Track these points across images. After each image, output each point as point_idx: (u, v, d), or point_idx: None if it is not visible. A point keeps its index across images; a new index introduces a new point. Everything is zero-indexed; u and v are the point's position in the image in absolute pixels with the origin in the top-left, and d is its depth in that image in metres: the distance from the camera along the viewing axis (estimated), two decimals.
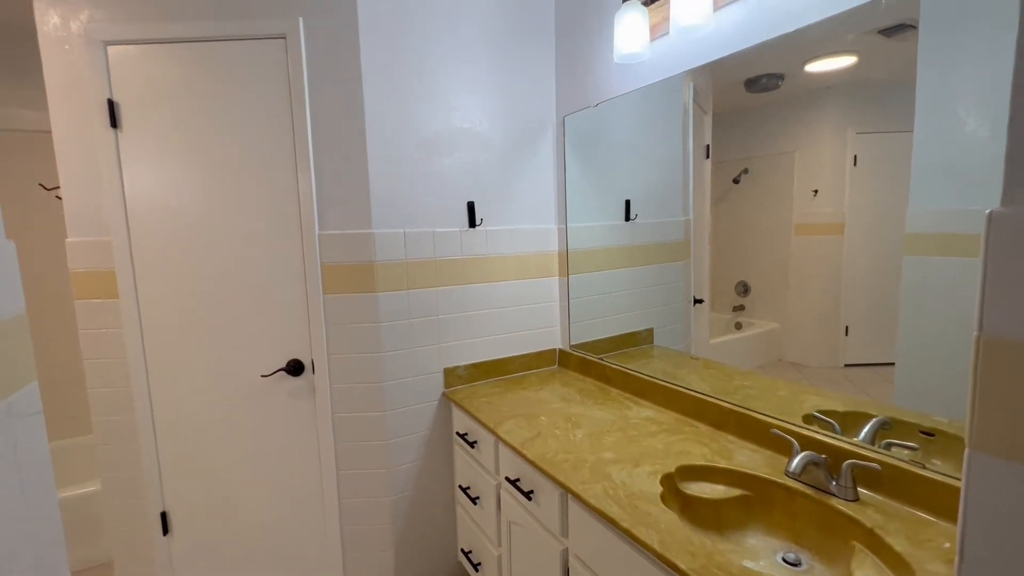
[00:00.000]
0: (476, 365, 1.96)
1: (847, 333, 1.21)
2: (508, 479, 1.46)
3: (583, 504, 1.15)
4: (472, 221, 1.90)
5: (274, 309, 1.77)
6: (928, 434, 1.03)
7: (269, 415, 1.82)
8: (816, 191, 1.24)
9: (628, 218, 1.83)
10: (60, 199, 1.71)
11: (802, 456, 1.09)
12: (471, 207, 1.90)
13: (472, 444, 1.72)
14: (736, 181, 1.44)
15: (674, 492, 1.19)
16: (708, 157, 1.51)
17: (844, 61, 1.13)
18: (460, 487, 1.84)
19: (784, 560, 1.04)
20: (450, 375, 1.91)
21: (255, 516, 1.88)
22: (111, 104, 1.66)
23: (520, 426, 1.53)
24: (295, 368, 1.79)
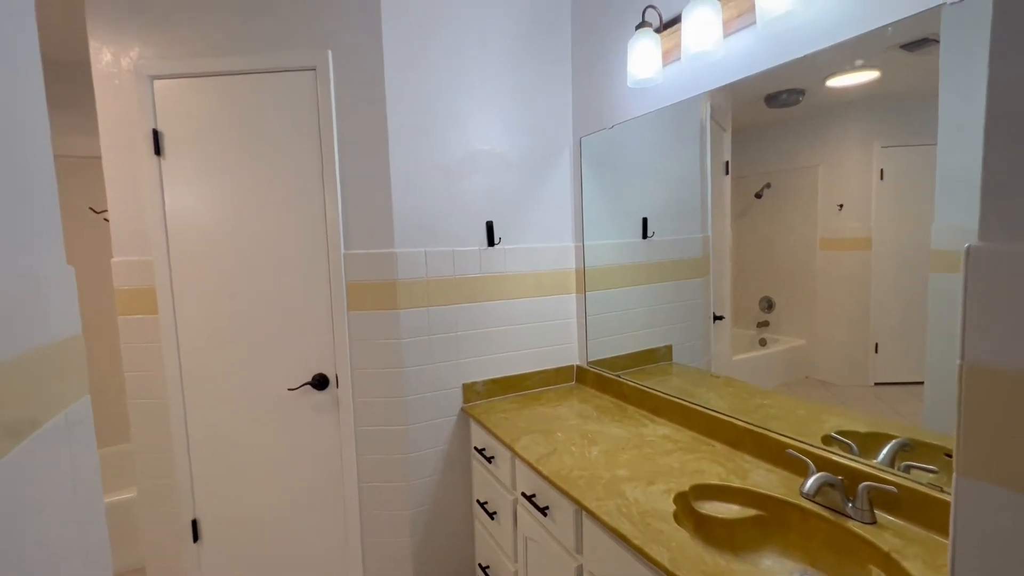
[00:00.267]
0: (494, 381, 2.00)
1: (877, 350, 1.19)
2: (524, 495, 1.48)
3: (596, 521, 1.16)
4: (491, 240, 1.96)
5: (301, 325, 1.85)
6: (952, 456, 1.02)
7: (295, 428, 1.89)
8: (841, 206, 1.23)
9: (645, 235, 1.85)
10: (107, 221, 1.83)
11: (817, 477, 1.09)
12: (490, 226, 1.95)
13: (490, 459, 1.75)
14: (759, 196, 1.43)
15: (688, 511, 1.19)
16: (727, 173, 1.52)
17: (866, 76, 1.13)
18: (478, 502, 1.86)
19: None
20: (469, 390, 1.95)
21: (280, 526, 1.94)
22: (155, 134, 1.78)
23: (536, 442, 1.55)
24: (320, 382, 1.85)
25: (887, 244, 1.15)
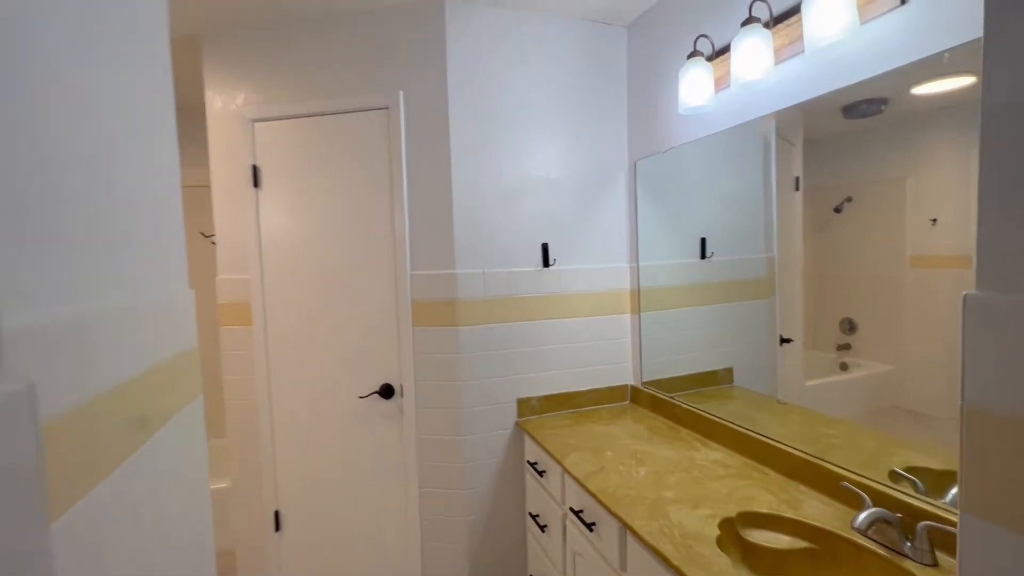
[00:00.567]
0: (548, 397, 2.07)
1: None
2: (572, 510, 1.53)
3: (639, 540, 1.19)
4: (546, 261, 2.04)
5: (371, 338, 2.02)
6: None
7: (364, 432, 2.06)
8: (935, 220, 1.13)
9: (704, 256, 1.85)
10: (214, 244, 2.13)
11: (870, 512, 1.06)
12: (545, 248, 2.04)
13: (541, 473, 1.81)
14: (838, 211, 1.36)
15: (733, 537, 1.19)
16: (797, 189, 1.48)
17: (959, 82, 1.03)
18: (530, 514, 1.92)
19: None
20: (523, 405, 2.03)
21: (349, 521, 2.11)
22: (255, 168, 2.04)
23: (585, 459, 1.60)
24: (387, 391, 2.01)
25: None
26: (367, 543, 2.10)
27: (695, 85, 1.56)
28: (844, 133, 1.30)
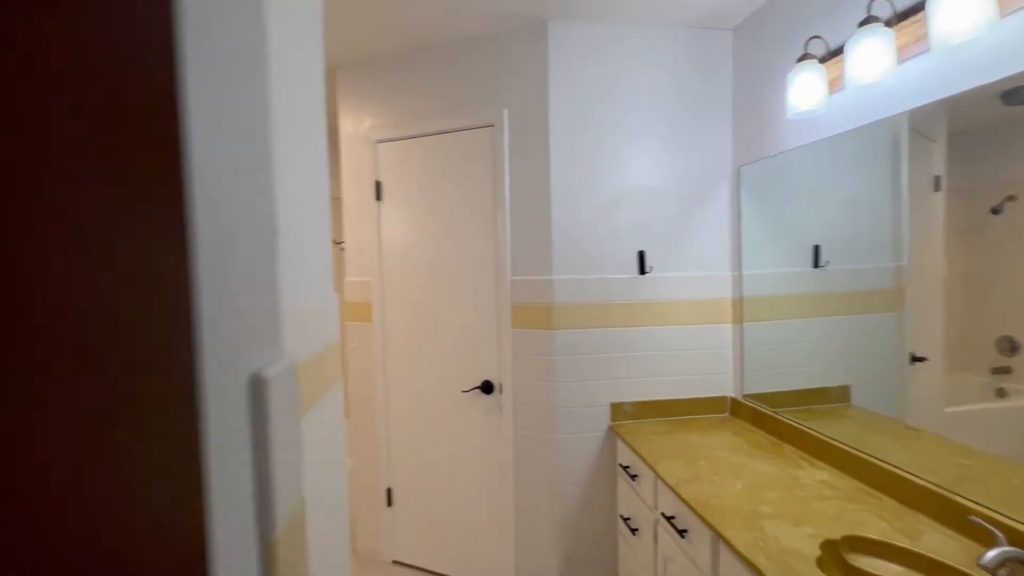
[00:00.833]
0: (642, 403, 2.08)
1: None
2: (664, 515, 1.54)
3: (732, 550, 1.19)
4: (642, 268, 2.06)
5: (474, 337, 2.19)
6: None
7: (466, 424, 2.24)
8: None
9: (817, 265, 1.76)
10: (343, 250, 2.44)
11: (1003, 551, 0.96)
12: (641, 256, 2.06)
13: (633, 477, 1.84)
14: (996, 211, 1.19)
15: (837, 560, 1.14)
16: (938, 190, 1.34)
17: None
18: (621, 516, 1.96)
19: None
20: (616, 410, 2.07)
21: (451, 503, 2.30)
22: (377, 184, 2.32)
23: (679, 467, 1.60)
24: (486, 387, 2.17)
25: None
26: (466, 527, 2.27)
27: (806, 88, 1.50)
28: (1003, 122, 1.12)
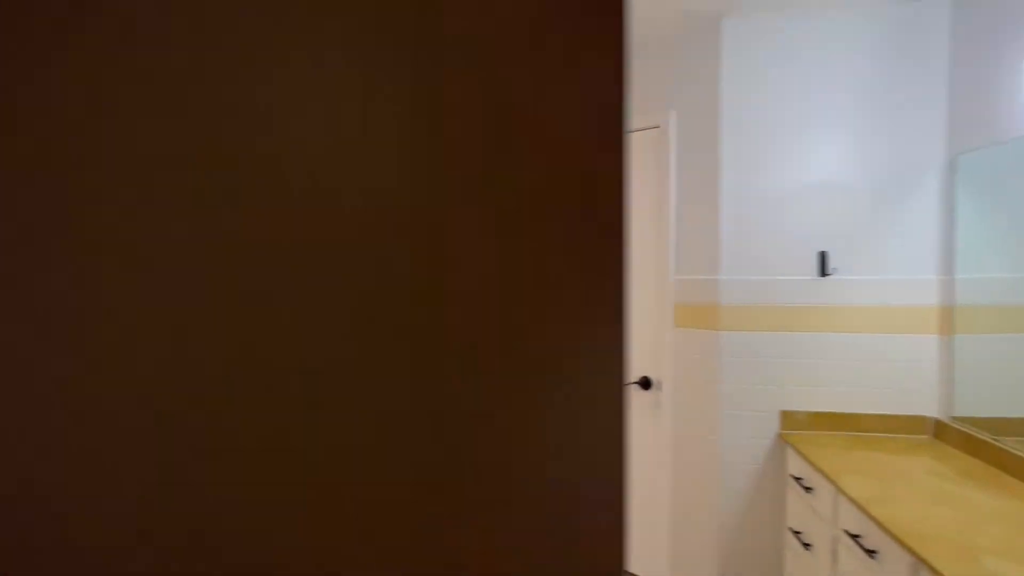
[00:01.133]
0: (818, 414, 1.95)
1: None
2: (848, 532, 1.46)
3: None
4: (823, 270, 1.92)
5: (635, 333, 2.26)
6: None
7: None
8: None
9: None
10: None
11: None
12: (823, 256, 1.92)
13: (808, 490, 1.75)
14: None
15: None
16: None
17: None
18: (791, 529, 1.87)
19: None
20: (787, 418, 1.97)
21: None
22: None
23: (864, 484, 1.49)
24: (645, 383, 2.22)
25: None
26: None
27: None
28: None
